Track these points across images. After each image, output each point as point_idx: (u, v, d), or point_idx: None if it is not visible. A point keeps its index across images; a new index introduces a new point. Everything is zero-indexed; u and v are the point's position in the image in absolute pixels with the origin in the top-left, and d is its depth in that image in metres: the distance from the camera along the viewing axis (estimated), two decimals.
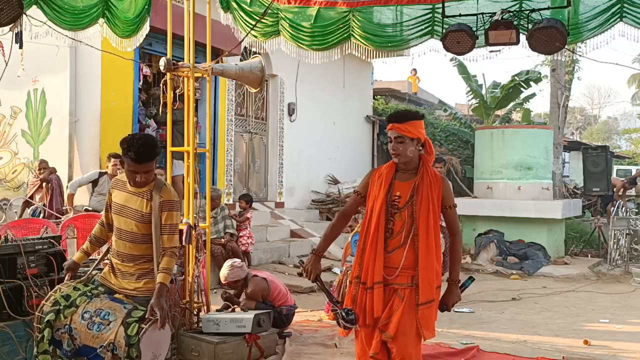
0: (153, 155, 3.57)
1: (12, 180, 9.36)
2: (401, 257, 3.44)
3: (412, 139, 3.45)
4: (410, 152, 3.47)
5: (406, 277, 3.45)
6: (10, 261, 4.07)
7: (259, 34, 5.96)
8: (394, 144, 3.47)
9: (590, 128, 45.44)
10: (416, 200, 3.44)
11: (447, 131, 16.30)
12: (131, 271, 3.66)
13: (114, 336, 3.39)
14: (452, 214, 3.60)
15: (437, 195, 3.47)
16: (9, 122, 9.43)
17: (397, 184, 3.51)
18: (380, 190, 3.50)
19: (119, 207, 3.68)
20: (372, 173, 3.64)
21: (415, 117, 3.51)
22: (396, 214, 3.47)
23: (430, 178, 3.48)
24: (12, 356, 3.95)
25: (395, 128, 3.46)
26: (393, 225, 3.48)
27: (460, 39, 5.22)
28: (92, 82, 8.85)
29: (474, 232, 11.79)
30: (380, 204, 3.46)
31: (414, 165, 3.53)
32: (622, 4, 4.92)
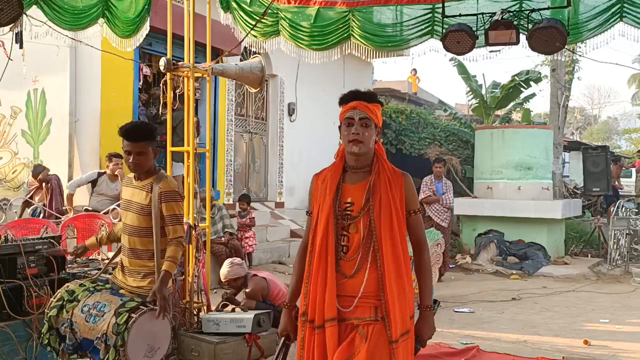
0: (146, 134, 3.63)
1: (12, 180, 9.36)
2: (360, 282, 2.67)
3: (376, 126, 2.79)
4: (372, 142, 2.78)
5: (368, 308, 2.67)
6: (10, 261, 4.07)
7: (258, 34, 5.96)
8: (356, 128, 2.72)
9: (590, 128, 45.44)
10: (373, 204, 2.70)
11: (447, 131, 16.29)
12: (137, 268, 3.67)
13: (107, 327, 3.39)
14: (416, 221, 2.82)
15: (399, 195, 2.75)
16: (9, 122, 9.42)
17: (347, 188, 2.77)
18: (325, 198, 2.75)
19: (126, 203, 3.73)
20: (314, 180, 2.88)
21: (379, 101, 2.89)
22: (350, 226, 2.72)
23: (389, 175, 2.76)
24: (12, 356, 3.95)
25: (361, 107, 2.75)
26: (347, 240, 2.72)
27: (460, 39, 5.22)
28: (92, 82, 8.85)
29: (474, 232, 11.79)
30: (326, 214, 2.70)
31: (367, 161, 2.79)
32: (622, 4, 4.92)
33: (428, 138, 15.92)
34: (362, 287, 2.66)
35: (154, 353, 3.55)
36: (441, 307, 7.47)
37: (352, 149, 2.73)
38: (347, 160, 2.82)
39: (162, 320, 3.53)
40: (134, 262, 3.68)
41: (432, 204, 9.46)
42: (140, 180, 3.70)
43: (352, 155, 2.77)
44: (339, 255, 2.72)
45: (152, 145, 3.68)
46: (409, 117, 16.54)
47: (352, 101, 2.78)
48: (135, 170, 3.68)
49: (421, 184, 9.77)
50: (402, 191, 2.76)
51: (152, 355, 3.53)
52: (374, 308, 2.67)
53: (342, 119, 2.81)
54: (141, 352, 3.44)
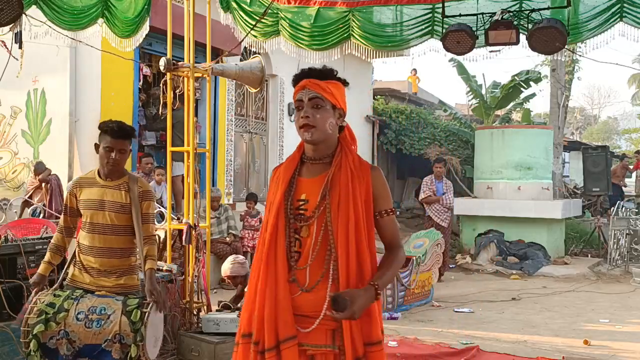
0: (128, 132, 3.67)
1: (12, 180, 9.35)
2: (321, 297, 2.20)
3: (335, 107, 2.34)
4: (330, 127, 2.31)
5: (325, 332, 2.21)
6: (10, 261, 4.08)
7: (259, 34, 5.96)
8: (306, 110, 2.28)
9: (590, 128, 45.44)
10: (330, 202, 2.25)
11: (447, 131, 16.30)
12: (111, 268, 3.64)
13: (119, 327, 3.41)
14: (389, 223, 2.34)
15: (364, 193, 2.28)
16: (9, 122, 9.42)
17: (303, 182, 2.33)
18: (276, 194, 2.33)
19: (95, 202, 3.67)
20: (272, 173, 2.47)
21: (339, 78, 2.40)
22: (303, 228, 2.27)
23: (353, 167, 2.30)
24: (12, 356, 3.95)
25: (311, 85, 2.30)
26: (300, 246, 2.27)
27: (460, 39, 5.22)
28: (92, 82, 8.85)
29: (474, 232, 11.79)
30: (275, 213, 2.28)
31: (329, 150, 2.35)
32: (622, 4, 4.92)
33: (428, 138, 15.93)
34: (325, 306, 2.19)
35: (157, 343, 3.64)
36: (441, 307, 7.50)
37: (304, 135, 2.29)
38: (305, 150, 2.39)
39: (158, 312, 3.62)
40: (107, 262, 3.63)
41: (433, 204, 9.47)
42: (111, 180, 3.69)
43: (308, 144, 2.35)
44: (290, 264, 2.27)
45: (130, 145, 3.74)
46: (409, 117, 16.55)
47: (300, 80, 2.35)
48: (113, 168, 3.66)
49: (421, 184, 9.78)
50: (369, 188, 2.29)
51: (156, 345, 3.62)
52: (332, 332, 2.20)
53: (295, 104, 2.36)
54: (151, 344, 3.52)
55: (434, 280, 7.92)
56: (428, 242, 7.76)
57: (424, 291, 7.61)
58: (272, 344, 2.18)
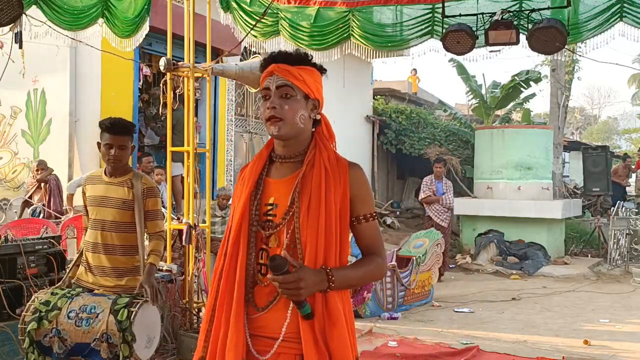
0: (128, 128, 3.68)
1: (12, 180, 9.35)
2: (283, 318, 1.91)
3: (308, 97, 2.02)
4: (301, 120, 2.00)
5: (291, 357, 1.92)
6: (10, 261, 4.08)
7: (259, 34, 5.96)
8: (273, 100, 1.98)
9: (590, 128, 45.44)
10: (299, 207, 1.95)
11: (447, 131, 16.30)
12: (115, 266, 3.63)
13: (105, 326, 3.39)
14: (368, 230, 2.02)
15: (340, 195, 1.96)
16: (9, 122, 9.42)
17: (271, 184, 2.03)
18: (241, 197, 2.04)
19: (99, 199, 3.70)
20: (240, 171, 2.16)
21: (314, 64, 2.06)
22: (270, 237, 1.98)
23: (327, 166, 1.98)
24: (12, 356, 3.95)
25: (280, 71, 2.00)
26: (267, 258, 1.95)
27: (460, 39, 5.22)
28: (92, 82, 8.85)
29: (474, 232, 11.79)
30: (239, 219, 1.99)
31: (301, 147, 2.04)
32: (622, 4, 4.92)
33: (428, 138, 15.93)
34: (284, 326, 1.90)
35: (152, 343, 3.61)
36: (441, 307, 7.50)
37: (270, 130, 1.98)
38: (275, 147, 2.08)
39: (153, 310, 3.59)
40: (111, 260, 3.63)
41: (432, 204, 9.47)
42: (115, 177, 3.71)
43: (276, 140, 2.04)
44: (255, 278, 1.97)
45: (131, 141, 3.74)
46: (409, 117, 16.56)
47: (269, 64, 2.04)
48: (114, 164, 3.67)
49: (421, 184, 9.78)
50: (346, 189, 1.97)
51: (150, 345, 3.59)
52: (300, 357, 1.90)
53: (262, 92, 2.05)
54: (142, 344, 3.48)
55: (434, 280, 7.92)
56: (428, 242, 7.77)
57: (424, 291, 7.61)
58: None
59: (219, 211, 8.78)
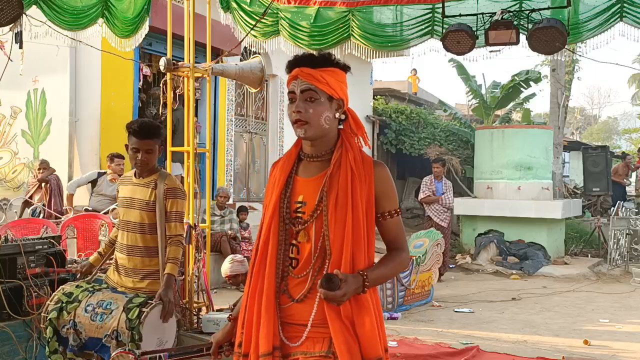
0: (155, 132, 3.67)
1: (12, 180, 9.35)
2: (311, 306, 2.04)
3: (331, 98, 2.10)
4: (326, 121, 2.09)
5: (320, 340, 2.04)
6: (10, 261, 4.07)
7: (258, 34, 5.96)
8: (298, 104, 2.07)
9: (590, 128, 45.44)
10: (327, 205, 2.06)
11: (447, 131, 16.31)
12: (135, 268, 3.66)
13: (117, 323, 3.42)
14: (392, 226, 2.14)
15: (365, 193, 2.08)
16: (9, 122, 9.42)
17: (300, 183, 2.15)
18: (272, 195, 2.16)
19: (127, 200, 3.73)
20: (272, 169, 2.29)
21: (336, 63, 2.13)
22: (300, 233, 2.10)
23: (353, 165, 2.08)
24: (12, 356, 3.95)
25: (303, 75, 2.07)
26: (297, 252, 2.10)
27: (460, 39, 5.22)
28: (92, 82, 8.85)
29: (474, 232, 11.79)
30: (270, 216, 2.12)
31: (328, 146, 2.14)
32: (622, 4, 4.92)
33: (428, 138, 15.93)
34: (312, 314, 2.03)
35: (163, 346, 3.61)
36: (441, 307, 7.50)
37: (297, 132, 2.09)
38: (303, 146, 2.18)
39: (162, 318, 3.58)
40: (132, 261, 3.67)
41: (432, 204, 9.47)
42: (142, 178, 3.73)
43: (304, 140, 2.15)
44: (286, 271, 2.10)
45: (159, 144, 3.74)
46: (409, 117, 16.56)
47: (293, 68, 2.11)
48: (142, 168, 3.69)
49: (421, 184, 9.78)
50: (372, 187, 2.08)
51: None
52: (329, 340, 2.02)
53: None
54: (152, 346, 3.49)
55: (434, 280, 7.92)
56: (428, 242, 7.77)
57: (424, 291, 7.61)
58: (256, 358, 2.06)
59: (217, 210, 8.79)
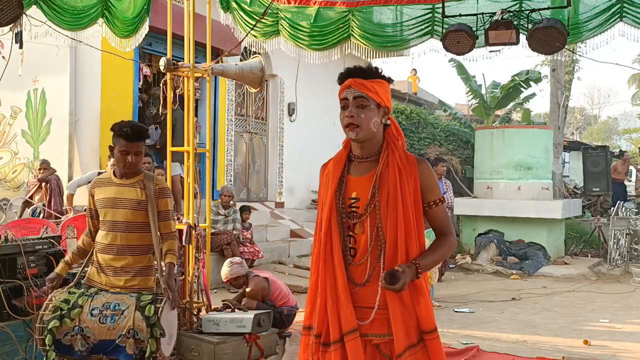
0: (143, 134, 3.71)
1: (12, 180, 9.36)
2: (375, 292, 2.35)
3: (379, 106, 2.41)
4: (375, 126, 2.39)
5: (386, 322, 2.34)
6: (10, 261, 4.07)
7: (259, 34, 5.96)
8: (351, 109, 2.38)
9: (590, 128, 45.43)
10: (380, 200, 2.36)
11: (447, 131, 16.31)
12: (126, 266, 3.65)
13: (132, 322, 3.44)
14: (438, 213, 2.47)
15: (412, 187, 2.38)
16: (9, 122, 9.43)
17: (352, 180, 2.44)
18: (327, 192, 2.44)
19: (111, 201, 3.70)
20: (321, 170, 2.58)
21: (383, 76, 2.45)
22: (356, 225, 2.39)
23: (399, 163, 2.39)
24: (12, 356, 3.95)
25: (356, 85, 2.39)
26: (354, 242, 2.40)
27: (460, 39, 5.22)
28: (92, 82, 8.86)
29: (474, 232, 11.79)
30: (328, 211, 2.40)
31: (375, 148, 2.44)
32: (622, 4, 4.92)
33: (428, 138, 15.93)
34: (377, 297, 2.33)
35: (171, 340, 3.69)
36: (441, 307, 7.50)
37: (349, 134, 2.40)
38: (352, 148, 2.49)
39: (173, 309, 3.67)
40: (121, 260, 3.65)
41: None
42: (126, 179, 3.73)
43: (354, 143, 2.45)
44: (347, 260, 2.39)
45: (145, 145, 3.79)
46: (409, 117, 16.56)
47: (345, 79, 2.45)
48: (130, 170, 3.70)
49: None
50: (417, 182, 2.39)
51: (170, 342, 3.67)
52: (387, 321, 2.33)
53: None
54: (165, 341, 3.55)
55: (434, 280, 7.92)
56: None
57: None
58: (336, 337, 2.32)
59: (222, 210, 8.79)
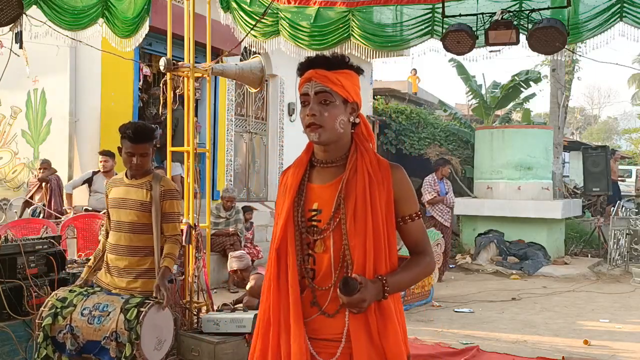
0: (149, 136, 3.69)
1: (12, 180, 9.35)
2: (343, 320, 1.94)
3: (346, 102, 2.00)
4: (341, 125, 1.99)
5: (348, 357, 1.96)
6: (10, 261, 4.08)
7: (259, 34, 5.96)
8: (312, 106, 1.98)
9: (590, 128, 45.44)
10: (346, 213, 1.95)
11: (447, 131, 16.30)
12: (130, 267, 3.66)
13: (115, 325, 3.43)
14: (414, 229, 2.05)
15: (384, 198, 1.98)
16: (9, 122, 9.42)
17: (314, 189, 2.04)
18: (284, 204, 2.05)
19: (119, 201, 3.73)
20: (281, 177, 2.17)
21: (351, 66, 2.03)
22: (317, 243, 1.99)
23: (370, 169, 1.99)
24: (12, 356, 3.95)
25: (318, 77, 1.97)
26: (314, 263, 1.99)
27: (460, 39, 5.22)
28: (92, 82, 8.85)
29: (474, 232, 11.79)
30: (283, 226, 2.01)
31: (341, 151, 2.04)
32: (622, 4, 4.92)
33: (428, 138, 15.93)
34: (345, 329, 1.93)
35: (162, 345, 3.63)
36: (441, 307, 7.50)
37: (310, 136, 2.01)
38: (315, 152, 2.09)
39: (165, 313, 3.62)
40: (125, 261, 3.66)
41: (437, 204, 9.45)
42: (135, 179, 3.74)
43: (317, 146, 2.06)
44: (302, 283, 1.99)
45: (152, 146, 3.77)
46: (409, 117, 16.55)
47: (306, 70, 2.01)
48: (136, 171, 3.71)
49: (424, 185, 9.73)
50: (390, 191, 1.99)
51: (160, 348, 3.61)
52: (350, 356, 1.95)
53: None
54: (151, 345, 3.51)
55: (434, 280, 7.92)
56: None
57: (424, 291, 7.61)
58: None
59: (223, 212, 8.79)
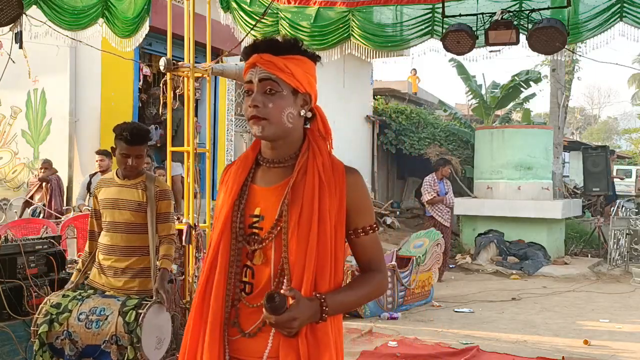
0: (144, 138, 3.70)
1: (12, 180, 9.35)
2: (265, 341, 1.72)
3: (296, 92, 1.75)
4: (289, 119, 1.74)
5: None
6: (10, 261, 4.08)
7: (259, 34, 5.96)
8: (255, 96, 1.72)
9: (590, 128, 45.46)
10: (289, 221, 1.72)
11: (447, 131, 16.31)
12: (126, 267, 3.65)
13: (115, 328, 3.42)
14: (368, 244, 1.81)
15: (335, 206, 1.74)
16: (9, 122, 9.42)
17: (257, 192, 1.79)
18: (223, 207, 1.80)
19: (112, 201, 3.71)
20: (223, 174, 1.90)
21: (305, 51, 1.77)
22: (256, 254, 1.75)
23: (322, 172, 1.74)
24: (12, 356, 3.95)
25: (263, 62, 1.72)
26: (252, 276, 1.75)
27: (460, 39, 5.22)
28: (92, 82, 8.85)
29: (474, 232, 11.79)
30: (220, 232, 1.78)
31: (292, 149, 1.80)
32: (622, 4, 4.92)
33: (428, 138, 15.93)
34: (267, 351, 1.71)
35: (162, 344, 3.63)
36: (441, 307, 7.50)
37: (253, 130, 1.73)
38: (262, 149, 1.84)
39: (163, 312, 3.61)
40: (122, 261, 3.65)
41: (436, 204, 9.44)
42: (128, 179, 3.73)
43: (263, 141, 1.80)
44: (237, 298, 1.74)
45: (147, 147, 3.79)
46: (409, 117, 16.56)
47: (251, 54, 1.75)
48: (131, 172, 3.70)
49: (423, 184, 9.73)
50: (343, 198, 1.74)
51: (160, 347, 3.62)
52: None
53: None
54: (152, 345, 3.51)
55: (434, 280, 7.92)
56: (428, 242, 7.77)
57: (424, 291, 7.61)
58: None
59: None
